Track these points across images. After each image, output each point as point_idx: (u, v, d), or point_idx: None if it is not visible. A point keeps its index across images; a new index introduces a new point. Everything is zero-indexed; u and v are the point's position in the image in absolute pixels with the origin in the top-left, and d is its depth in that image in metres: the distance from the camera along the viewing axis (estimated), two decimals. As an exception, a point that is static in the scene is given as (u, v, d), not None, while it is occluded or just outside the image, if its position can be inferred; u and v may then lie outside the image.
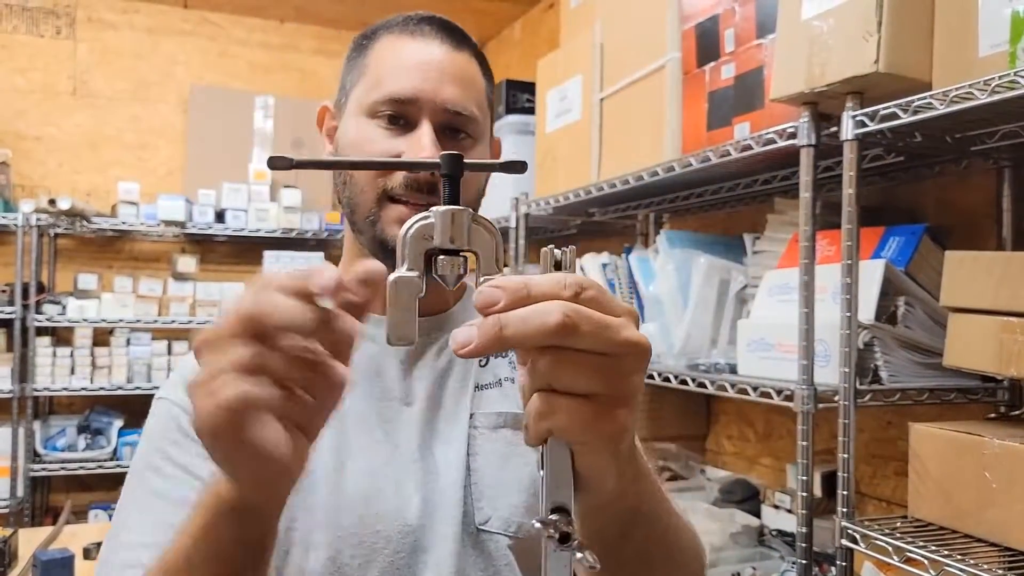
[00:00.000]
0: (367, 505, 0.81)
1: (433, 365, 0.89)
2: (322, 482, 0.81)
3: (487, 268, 0.50)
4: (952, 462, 1.22)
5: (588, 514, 0.53)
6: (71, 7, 3.99)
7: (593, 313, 0.45)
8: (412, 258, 0.49)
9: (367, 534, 0.80)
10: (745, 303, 1.81)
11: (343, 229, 3.98)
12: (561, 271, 0.49)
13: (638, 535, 0.61)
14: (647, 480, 0.61)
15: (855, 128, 1.29)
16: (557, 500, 0.47)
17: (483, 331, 0.45)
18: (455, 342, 0.45)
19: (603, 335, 0.45)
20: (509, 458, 0.86)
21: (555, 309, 0.44)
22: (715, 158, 1.62)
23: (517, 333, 0.44)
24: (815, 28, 1.34)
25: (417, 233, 0.50)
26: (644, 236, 2.54)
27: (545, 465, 0.48)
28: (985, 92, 1.10)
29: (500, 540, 0.83)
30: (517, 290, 0.45)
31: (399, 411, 0.86)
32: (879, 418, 1.74)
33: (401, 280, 0.49)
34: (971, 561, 1.11)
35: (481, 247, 0.50)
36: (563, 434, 0.47)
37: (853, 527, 1.29)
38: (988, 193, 1.55)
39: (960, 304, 1.29)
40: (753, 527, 1.95)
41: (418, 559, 0.81)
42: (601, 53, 2.08)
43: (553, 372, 0.45)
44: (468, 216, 0.50)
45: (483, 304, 0.45)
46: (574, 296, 0.45)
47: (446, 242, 0.50)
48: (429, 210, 0.50)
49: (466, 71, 0.88)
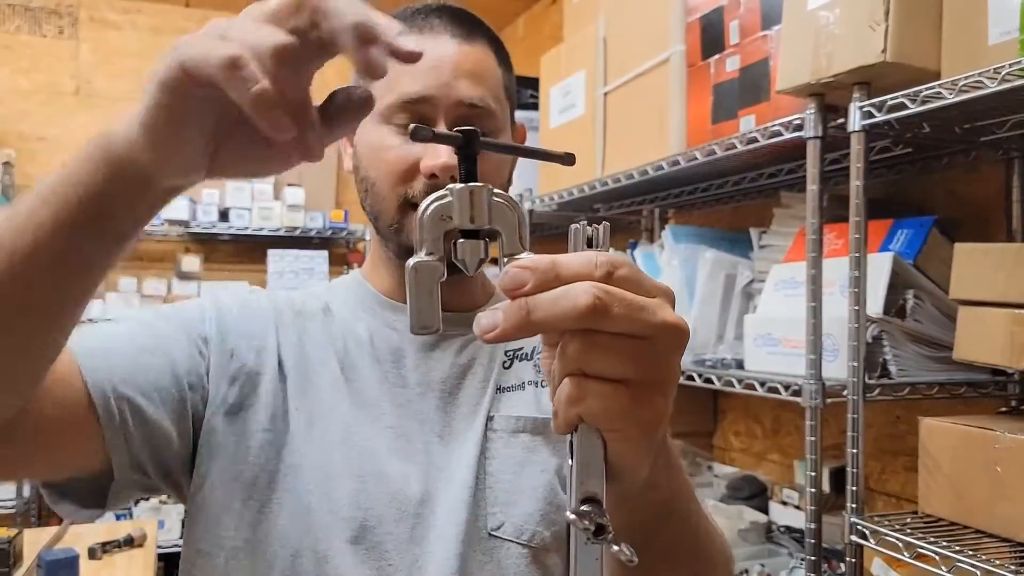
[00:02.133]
0: (363, 484, 0.79)
1: (454, 361, 0.87)
2: (321, 451, 0.80)
3: (511, 247, 0.47)
4: (963, 457, 1.20)
5: (616, 505, 0.51)
6: (73, 7, 3.99)
7: (626, 294, 0.42)
8: (431, 241, 0.46)
9: (357, 513, 0.78)
10: (752, 298, 1.80)
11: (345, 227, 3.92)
12: (593, 249, 0.46)
13: (666, 532, 0.59)
14: (678, 473, 0.59)
15: (862, 119, 1.27)
16: (588, 490, 0.44)
17: (509, 315, 0.42)
18: (479, 327, 0.43)
19: (637, 317, 0.42)
20: (526, 464, 0.84)
21: (586, 290, 0.41)
22: (720, 151, 1.60)
23: (546, 316, 0.42)
24: (821, 18, 1.32)
25: (434, 214, 0.46)
26: (649, 231, 2.52)
27: (574, 453, 0.44)
28: (995, 81, 1.08)
29: (512, 548, 0.81)
30: (546, 270, 0.42)
31: (412, 400, 0.85)
32: (888, 413, 1.73)
33: (421, 265, 0.46)
34: (983, 557, 1.10)
35: (503, 225, 0.47)
36: (594, 421, 0.44)
37: (863, 523, 1.27)
38: (997, 184, 1.53)
39: (970, 297, 1.27)
40: (761, 523, 1.94)
41: (412, 552, 0.79)
42: (604, 47, 2.07)
43: (584, 356, 0.43)
44: (488, 192, 0.46)
45: (510, 286, 0.43)
46: (606, 276, 0.42)
47: (466, 221, 0.46)
48: (446, 188, 0.47)
49: (480, 63, 0.85)
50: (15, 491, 3.49)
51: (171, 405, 0.77)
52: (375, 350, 0.86)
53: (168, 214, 3.71)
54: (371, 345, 0.86)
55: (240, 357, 0.82)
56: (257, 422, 0.80)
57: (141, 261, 4.03)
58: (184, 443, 0.79)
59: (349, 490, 0.79)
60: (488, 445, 0.84)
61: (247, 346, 0.83)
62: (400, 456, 0.82)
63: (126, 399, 0.72)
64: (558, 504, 0.84)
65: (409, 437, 0.83)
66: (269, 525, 0.78)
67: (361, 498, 0.79)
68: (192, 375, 0.79)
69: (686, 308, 1.83)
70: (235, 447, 0.79)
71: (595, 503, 0.44)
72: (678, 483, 0.59)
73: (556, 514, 0.84)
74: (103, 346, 0.74)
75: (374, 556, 0.78)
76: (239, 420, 0.80)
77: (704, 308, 1.80)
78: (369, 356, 0.86)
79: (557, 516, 0.84)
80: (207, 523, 0.79)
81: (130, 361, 0.75)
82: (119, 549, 2.17)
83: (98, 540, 2.16)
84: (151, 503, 3.52)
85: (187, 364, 0.79)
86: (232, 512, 0.78)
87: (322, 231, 3.97)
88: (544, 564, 0.82)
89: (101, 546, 2.13)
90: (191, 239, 4.06)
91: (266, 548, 0.77)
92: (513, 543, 0.81)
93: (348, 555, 0.77)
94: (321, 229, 3.96)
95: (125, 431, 0.72)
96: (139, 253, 4.05)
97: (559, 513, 0.84)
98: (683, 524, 0.61)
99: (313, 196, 4.01)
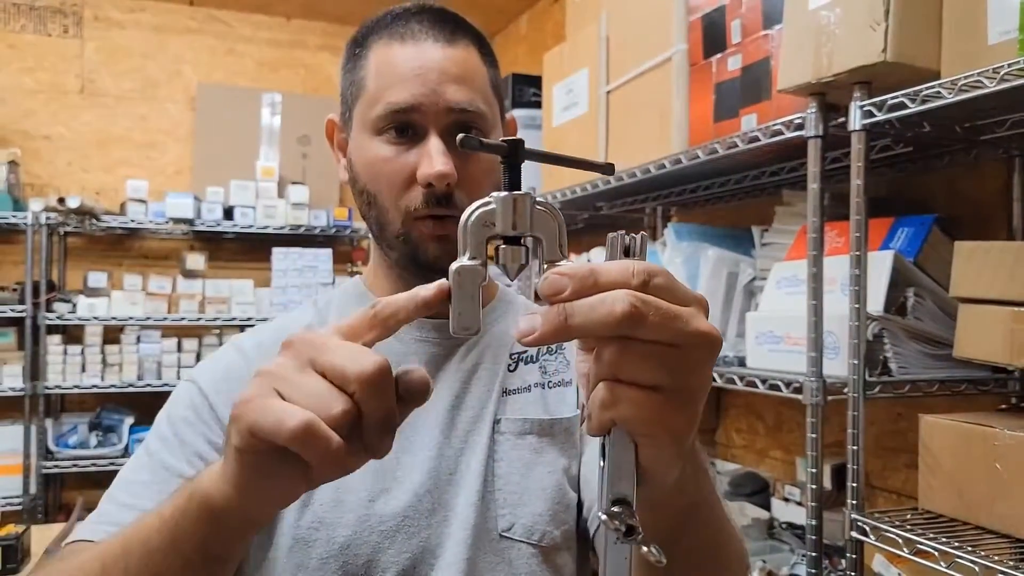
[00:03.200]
0: (370, 502, 0.80)
1: (459, 367, 0.88)
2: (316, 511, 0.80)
3: (551, 254, 0.48)
4: (963, 454, 1.21)
5: (645, 508, 0.52)
6: (78, 6, 4.00)
7: (662, 303, 0.43)
8: (474, 246, 0.48)
9: (367, 532, 0.79)
10: (753, 295, 1.80)
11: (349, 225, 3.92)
12: (630, 258, 0.47)
13: (692, 534, 0.60)
14: (705, 477, 0.60)
15: (863, 118, 1.28)
16: (619, 492, 0.46)
17: (548, 319, 0.43)
18: (518, 331, 0.44)
19: (672, 325, 0.43)
20: (534, 466, 0.85)
21: (623, 298, 0.42)
22: (722, 150, 1.61)
23: (584, 322, 0.43)
24: (822, 18, 1.33)
25: (478, 220, 0.48)
26: (652, 229, 2.53)
27: (607, 456, 0.46)
28: (994, 80, 1.09)
29: (523, 548, 0.82)
30: (584, 277, 0.44)
31: (420, 413, 0.85)
32: (889, 410, 1.73)
33: (464, 269, 0.48)
34: (982, 553, 1.11)
35: (544, 232, 0.48)
36: (627, 425, 0.45)
37: (863, 519, 1.28)
38: (998, 183, 1.53)
39: (970, 295, 1.28)
40: (763, 520, 1.95)
41: (425, 561, 0.80)
42: (607, 46, 2.07)
43: (619, 362, 0.44)
44: (530, 200, 0.48)
45: (549, 292, 0.44)
46: (642, 284, 0.44)
47: (508, 228, 0.48)
48: (490, 196, 0.48)
49: (465, 65, 0.84)
50: (22, 488, 3.51)
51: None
52: None
53: (172, 212, 3.72)
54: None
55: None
56: None
57: (146, 259, 4.04)
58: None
59: (358, 499, 0.80)
60: (496, 448, 0.85)
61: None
62: (408, 462, 0.82)
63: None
64: (567, 503, 0.85)
65: (417, 443, 0.84)
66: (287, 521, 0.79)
67: (370, 506, 0.80)
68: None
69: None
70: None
71: (626, 504, 0.46)
72: (705, 487, 0.60)
73: (565, 513, 0.85)
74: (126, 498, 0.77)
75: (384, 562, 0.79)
76: None
77: (706, 306, 1.80)
78: None
79: (566, 515, 0.85)
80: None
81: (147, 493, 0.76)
82: (125, 545, 2.18)
83: (105, 536, 2.17)
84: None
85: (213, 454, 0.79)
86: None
87: (326, 229, 3.98)
88: (555, 563, 0.83)
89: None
90: (196, 237, 4.07)
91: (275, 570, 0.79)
92: (524, 543, 0.82)
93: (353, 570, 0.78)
94: (325, 227, 3.97)
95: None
96: (144, 251, 4.06)
97: (568, 512, 0.85)
98: (707, 528, 0.62)
99: (317, 194, 4.02)
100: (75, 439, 3.68)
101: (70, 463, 3.58)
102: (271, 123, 4.11)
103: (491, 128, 0.87)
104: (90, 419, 3.75)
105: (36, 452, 3.54)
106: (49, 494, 3.66)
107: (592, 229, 2.80)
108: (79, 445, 3.66)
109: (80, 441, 3.68)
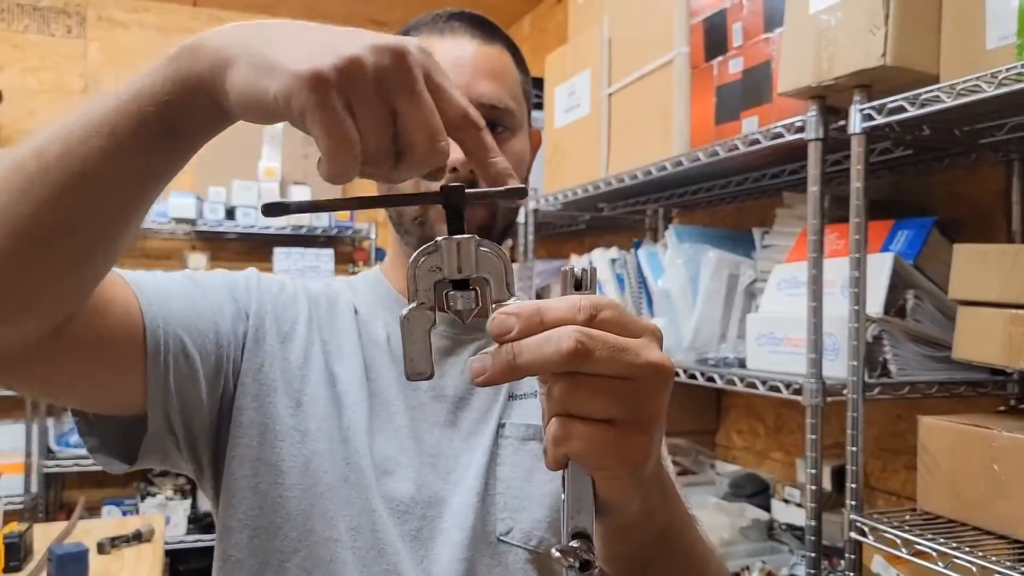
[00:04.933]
0: (373, 485, 0.80)
1: (467, 364, 0.89)
2: (342, 444, 0.81)
3: (499, 293, 0.49)
4: (961, 455, 1.21)
5: (616, 535, 0.52)
6: (81, 6, 4.01)
7: (609, 336, 0.44)
8: (423, 291, 0.49)
9: (365, 510, 0.79)
10: (754, 297, 1.81)
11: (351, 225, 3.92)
12: (582, 291, 0.47)
13: (665, 559, 0.61)
14: (675, 502, 0.60)
15: (863, 121, 1.29)
16: (578, 526, 0.46)
17: (497, 360, 0.44)
18: (471, 370, 0.45)
19: (620, 359, 0.44)
20: (535, 472, 0.85)
21: (569, 334, 0.43)
22: (723, 152, 1.62)
23: (531, 360, 0.43)
24: (823, 22, 1.33)
25: (425, 265, 0.49)
26: (653, 231, 2.54)
27: (565, 490, 0.47)
28: (993, 84, 1.09)
29: (520, 553, 0.82)
30: (530, 316, 0.44)
31: (425, 404, 0.86)
32: (888, 412, 1.74)
33: (413, 315, 0.48)
34: (980, 553, 1.11)
35: (491, 273, 0.49)
36: (581, 460, 0.45)
37: (862, 520, 1.29)
38: (997, 186, 1.54)
39: (969, 297, 1.28)
40: (763, 521, 1.96)
41: (418, 553, 0.80)
42: (609, 48, 2.08)
43: (569, 398, 0.44)
44: (475, 244, 0.49)
45: (497, 332, 0.45)
46: (589, 319, 0.44)
47: (454, 272, 0.49)
48: (434, 241, 0.49)
49: (499, 64, 0.87)
50: (24, 487, 3.52)
51: (210, 364, 0.78)
52: (392, 350, 0.87)
53: (175, 212, 3.73)
54: (388, 345, 0.88)
55: (274, 338, 0.84)
56: (285, 406, 0.81)
57: (147, 259, 4.05)
58: (211, 410, 0.79)
59: (361, 486, 0.80)
60: (498, 451, 0.85)
61: (281, 330, 0.85)
62: (409, 457, 0.83)
63: (176, 337, 0.73)
64: None
65: (420, 439, 0.84)
66: (287, 510, 0.79)
67: (369, 495, 0.80)
68: (231, 345, 0.80)
69: (689, 307, 1.84)
70: (263, 427, 0.80)
71: (584, 538, 0.46)
72: (674, 512, 0.60)
73: None
74: (163, 287, 0.76)
75: (379, 555, 0.79)
76: (268, 402, 0.81)
77: (707, 307, 1.81)
78: (387, 356, 0.87)
79: None
80: (229, 500, 0.80)
81: (187, 306, 0.76)
82: (128, 544, 2.19)
83: (107, 535, 2.18)
84: (157, 499, 3.54)
85: (229, 333, 0.80)
86: (257, 492, 0.80)
87: (327, 229, 3.98)
88: (552, 570, 0.83)
89: (110, 541, 2.15)
90: (197, 237, 4.08)
91: (284, 531, 0.79)
92: (521, 548, 0.82)
93: (352, 552, 0.78)
94: (326, 227, 3.98)
95: (167, 370, 0.73)
96: (145, 251, 4.07)
97: None
98: (680, 552, 0.63)
99: (319, 195, 4.02)
100: (76, 438, 3.66)
101: (71, 462, 3.59)
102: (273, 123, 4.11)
103: (518, 129, 0.89)
104: (92, 418, 3.76)
105: (38, 451, 3.55)
106: (50, 493, 3.66)
107: (593, 230, 2.81)
108: (81, 444, 3.66)
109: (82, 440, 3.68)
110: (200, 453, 0.81)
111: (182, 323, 0.74)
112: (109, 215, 0.56)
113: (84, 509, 2.57)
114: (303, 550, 0.78)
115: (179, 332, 0.74)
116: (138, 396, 0.73)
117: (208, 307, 0.79)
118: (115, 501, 3.62)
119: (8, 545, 1.89)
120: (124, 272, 0.74)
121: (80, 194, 0.54)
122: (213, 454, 0.82)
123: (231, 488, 0.80)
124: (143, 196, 0.57)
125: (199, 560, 3.46)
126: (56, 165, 0.53)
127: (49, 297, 0.58)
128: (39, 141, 0.55)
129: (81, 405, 0.74)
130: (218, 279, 0.84)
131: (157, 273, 0.78)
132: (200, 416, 0.79)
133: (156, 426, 0.75)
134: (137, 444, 0.77)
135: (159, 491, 3.60)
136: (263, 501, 0.79)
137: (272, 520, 0.79)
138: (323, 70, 0.45)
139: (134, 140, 0.53)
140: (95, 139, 0.53)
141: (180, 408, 0.76)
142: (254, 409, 0.80)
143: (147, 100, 0.53)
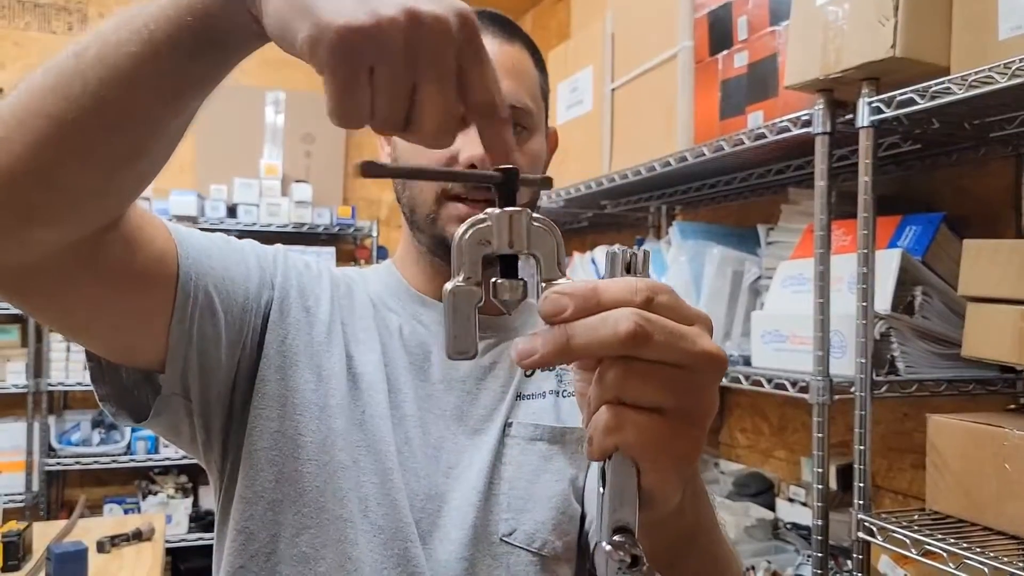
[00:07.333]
0: (389, 470, 0.80)
1: (477, 362, 0.88)
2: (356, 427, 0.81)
3: (549, 272, 0.46)
4: (971, 454, 1.20)
5: (644, 531, 0.51)
6: (82, 3, 4.00)
7: (667, 322, 0.42)
8: (469, 265, 0.45)
9: (373, 499, 0.79)
10: (759, 294, 1.79)
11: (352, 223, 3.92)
12: (632, 275, 0.45)
13: (692, 558, 0.59)
14: (704, 499, 0.59)
15: (871, 115, 1.27)
16: (620, 520, 0.43)
17: (549, 341, 0.42)
18: (516, 352, 0.43)
19: (677, 345, 0.42)
20: (541, 473, 0.85)
21: (627, 316, 0.40)
22: (728, 148, 1.60)
23: (587, 343, 0.41)
24: (830, 13, 1.32)
25: (473, 238, 0.46)
26: (656, 228, 2.52)
27: (607, 482, 0.44)
28: (1005, 76, 1.07)
29: (523, 555, 0.82)
30: (586, 296, 0.42)
31: (433, 395, 0.86)
32: (896, 410, 1.72)
33: (459, 290, 0.45)
34: (990, 554, 1.10)
35: (541, 249, 0.46)
36: (631, 450, 0.43)
37: (870, 520, 1.27)
38: (1007, 181, 1.52)
39: (978, 293, 1.27)
40: (768, 520, 1.94)
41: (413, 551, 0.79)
42: (612, 43, 2.06)
43: (623, 384, 0.42)
44: (527, 217, 0.46)
45: (550, 311, 0.42)
46: (646, 302, 0.42)
47: (504, 246, 0.45)
48: (485, 212, 0.46)
49: (519, 63, 0.87)
50: (25, 485, 3.51)
51: (234, 327, 0.78)
52: (404, 341, 0.88)
53: (176, 210, 3.72)
54: (400, 336, 0.88)
55: (300, 311, 0.84)
56: (306, 379, 0.81)
57: (149, 257, 4.04)
58: (227, 375, 0.79)
59: (372, 471, 0.80)
60: (504, 451, 0.85)
61: (306, 304, 0.85)
62: (415, 448, 0.83)
63: (206, 292, 0.74)
64: (570, 514, 0.85)
65: (427, 430, 0.84)
66: (302, 485, 0.79)
67: (381, 479, 0.80)
68: (255, 311, 0.81)
69: (693, 305, 1.82)
70: (284, 399, 0.80)
71: (628, 533, 0.44)
72: (703, 510, 0.59)
73: (568, 524, 0.84)
74: (201, 243, 0.76)
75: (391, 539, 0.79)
76: (291, 374, 0.81)
77: (711, 305, 1.80)
78: (400, 346, 0.87)
79: (569, 526, 0.85)
80: (248, 471, 0.80)
81: (220, 266, 0.77)
82: (127, 543, 2.18)
83: (107, 534, 2.17)
84: (159, 498, 3.54)
85: (255, 299, 0.81)
86: (274, 464, 0.79)
87: (329, 227, 3.97)
88: (554, 573, 0.83)
89: (110, 539, 2.14)
90: (199, 235, 4.08)
91: (297, 505, 0.79)
92: (524, 550, 0.82)
93: (362, 533, 0.78)
94: (328, 225, 3.97)
95: (191, 323, 0.73)
96: (147, 249, 4.06)
97: (571, 524, 0.85)
98: (705, 550, 0.61)
99: (320, 192, 4.01)
100: (78, 436, 3.68)
101: (73, 460, 3.58)
102: (275, 121, 4.10)
103: (535, 129, 0.88)
104: (93, 416, 3.75)
105: (39, 449, 3.55)
106: (52, 491, 3.66)
107: (596, 228, 2.79)
108: (82, 442, 3.66)
109: (83, 438, 3.68)
110: (211, 420, 0.81)
111: (214, 280, 0.75)
112: (145, 117, 0.57)
113: (85, 507, 2.56)
114: (313, 527, 0.78)
115: (210, 288, 0.74)
116: (159, 345, 0.72)
117: (239, 272, 0.79)
118: (117, 499, 3.62)
119: (6, 544, 1.88)
120: (166, 222, 0.75)
121: (115, 94, 0.54)
122: (225, 422, 0.82)
123: (251, 459, 0.80)
124: (179, 103, 0.58)
125: (201, 558, 3.46)
126: (93, 65, 0.54)
127: (92, 191, 0.59)
128: (80, 44, 0.56)
129: (99, 347, 0.73)
130: (248, 246, 0.84)
131: (195, 230, 0.79)
132: (216, 381, 0.78)
133: (171, 386, 0.75)
134: (148, 405, 0.77)
135: (161, 489, 3.60)
136: (279, 474, 0.79)
137: (287, 494, 0.79)
138: (351, 29, 0.44)
139: (169, 46, 0.53)
140: (132, 44, 0.53)
141: (199, 370, 0.76)
142: (277, 381, 0.80)
143: (186, 9, 0.53)
